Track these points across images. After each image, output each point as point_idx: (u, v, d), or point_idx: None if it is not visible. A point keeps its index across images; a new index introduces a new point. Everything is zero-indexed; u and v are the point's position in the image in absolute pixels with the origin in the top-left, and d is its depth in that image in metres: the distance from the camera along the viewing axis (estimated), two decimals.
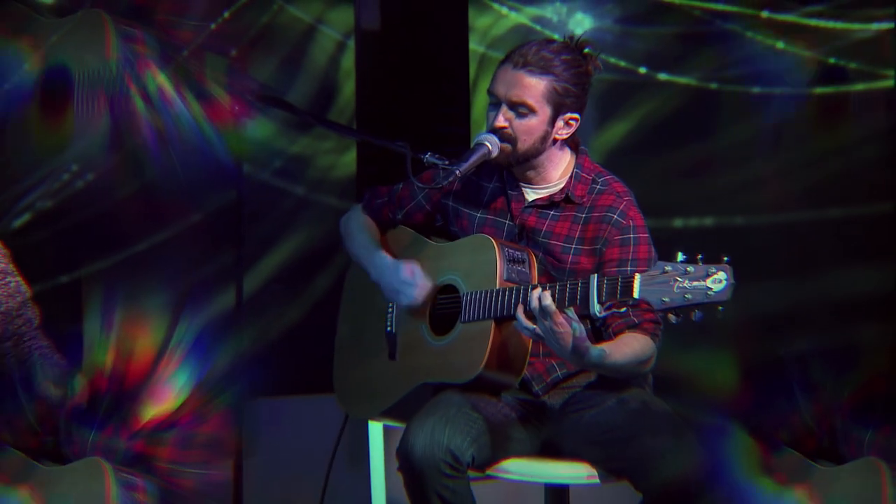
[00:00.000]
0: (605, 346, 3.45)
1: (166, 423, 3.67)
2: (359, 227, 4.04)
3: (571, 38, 3.74)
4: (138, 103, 4.55)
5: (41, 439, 3.58)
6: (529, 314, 3.40)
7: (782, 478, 4.06)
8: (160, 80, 4.62)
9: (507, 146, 3.67)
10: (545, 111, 3.65)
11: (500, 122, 3.65)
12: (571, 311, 3.37)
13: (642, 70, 4.74)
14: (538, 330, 3.39)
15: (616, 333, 3.51)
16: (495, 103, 3.68)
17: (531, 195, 3.74)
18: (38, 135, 4.48)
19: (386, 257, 3.90)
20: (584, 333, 3.38)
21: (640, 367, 3.57)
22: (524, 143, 3.67)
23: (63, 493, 3.42)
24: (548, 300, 3.34)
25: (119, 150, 4.56)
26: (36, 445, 3.56)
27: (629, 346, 3.51)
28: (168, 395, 4.25)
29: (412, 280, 3.81)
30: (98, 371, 3.82)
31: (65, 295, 4.49)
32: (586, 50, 3.69)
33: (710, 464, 4.01)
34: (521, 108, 3.65)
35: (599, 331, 3.61)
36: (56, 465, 3.49)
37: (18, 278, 3.74)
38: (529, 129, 3.66)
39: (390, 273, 3.86)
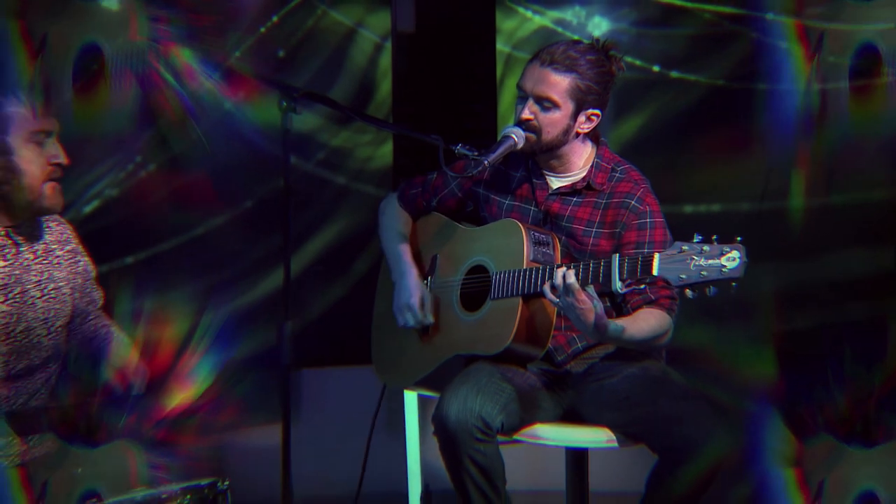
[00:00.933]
0: (623, 321, 3.52)
1: (188, 411, 3.64)
2: (391, 221, 4.09)
3: (598, 40, 3.78)
4: (168, 81, 4.55)
5: (75, 424, 3.54)
6: (555, 290, 3.45)
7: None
8: (185, 59, 4.62)
9: (532, 136, 3.72)
10: (568, 106, 3.70)
11: (527, 114, 3.71)
12: (592, 290, 3.42)
13: (656, 68, 4.72)
14: (562, 304, 3.45)
15: (634, 309, 3.57)
16: (523, 97, 3.74)
17: (555, 183, 3.81)
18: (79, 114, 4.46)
19: (411, 273, 3.95)
20: (604, 310, 3.43)
21: (657, 341, 3.63)
22: (548, 135, 3.72)
23: (93, 472, 3.36)
24: (571, 278, 3.41)
25: (150, 127, 4.56)
26: (68, 430, 3.52)
27: (646, 322, 3.57)
28: (191, 384, 4.28)
29: (418, 312, 3.88)
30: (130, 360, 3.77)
31: (129, 275, 4.54)
32: (611, 52, 3.74)
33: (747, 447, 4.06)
34: (545, 103, 3.69)
35: (619, 306, 3.67)
36: (86, 449, 3.44)
37: (86, 258, 3.69)
38: (553, 121, 3.71)
39: (407, 289, 3.93)
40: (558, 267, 3.50)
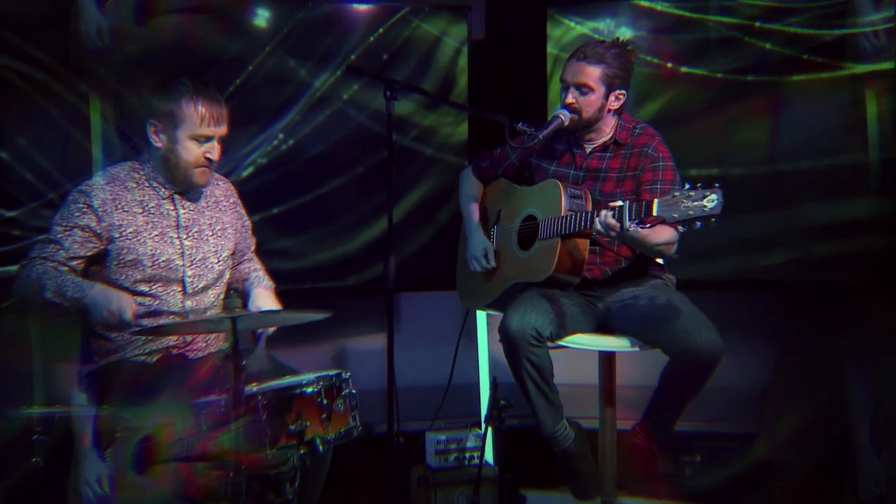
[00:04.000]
0: (642, 232, 3.51)
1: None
2: (467, 189, 4.20)
3: (617, 38, 3.90)
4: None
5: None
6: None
7: None
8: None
9: (575, 116, 3.84)
10: (601, 89, 3.82)
11: (569, 99, 3.84)
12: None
13: (669, 65, 4.69)
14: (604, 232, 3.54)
15: (652, 227, 3.55)
16: (565, 87, 3.86)
17: (590, 148, 3.93)
18: None
19: (478, 230, 4.05)
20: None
21: (667, 248, 3.69)
22: (587, 113, 3.85)
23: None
24: (610, 219, 3.48)
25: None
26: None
27: (658, 234, 3.62)
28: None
29: (483, 260, 4.00)
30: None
31: (275, 222, 4.63)
32: (629, 47, 3.87)
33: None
34: (583, 89, 3.82)
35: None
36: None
37: (244, 210, 3.84)
38: (590, 102, 3.83)
39: (475, 244, 4.04)
40: (592, 213, 3.60)
